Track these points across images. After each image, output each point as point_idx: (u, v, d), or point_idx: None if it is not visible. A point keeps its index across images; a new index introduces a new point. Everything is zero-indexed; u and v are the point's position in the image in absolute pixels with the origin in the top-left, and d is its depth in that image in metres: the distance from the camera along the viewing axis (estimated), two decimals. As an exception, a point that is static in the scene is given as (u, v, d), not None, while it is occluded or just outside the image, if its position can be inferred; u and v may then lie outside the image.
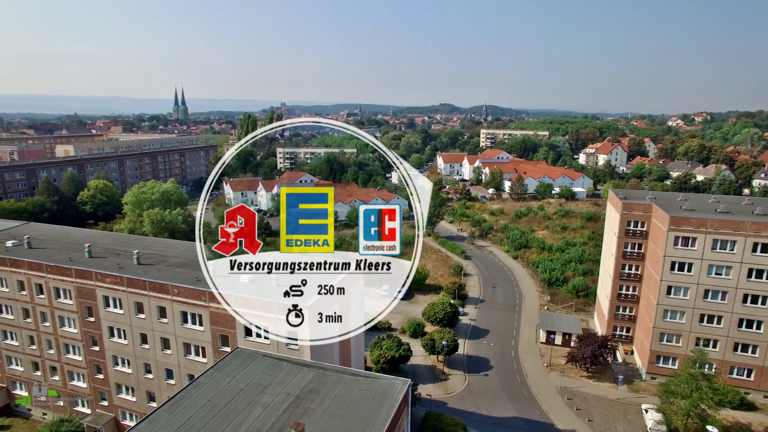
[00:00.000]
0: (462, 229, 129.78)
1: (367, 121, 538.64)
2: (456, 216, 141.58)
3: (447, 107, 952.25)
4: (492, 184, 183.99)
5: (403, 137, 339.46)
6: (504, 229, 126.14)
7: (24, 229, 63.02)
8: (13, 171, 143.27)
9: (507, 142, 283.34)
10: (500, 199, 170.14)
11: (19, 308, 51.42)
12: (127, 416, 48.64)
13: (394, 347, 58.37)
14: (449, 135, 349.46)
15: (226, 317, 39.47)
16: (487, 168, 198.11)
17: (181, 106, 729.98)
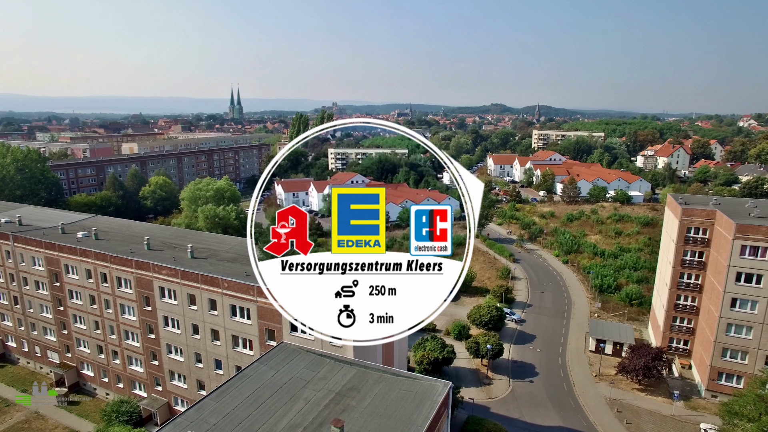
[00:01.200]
0: (511, 232, 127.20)
1: (417, 121, 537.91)
2: (505, 218, 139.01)
3: (498, 107, 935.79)
4: (543, 186, 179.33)
5: (453, 137, 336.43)
6: (554, 232, 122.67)
7: (92, 221, 67.34)
8: (85, 167, 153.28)
9: (560, 144, 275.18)
10: (551, 201, 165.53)
11: (87, 295, 55.01)
12: (179, 402, 50.95)
13: (437, 349, 58.05)
14: (500, 136, 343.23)
15: (273, 312, 40.58)
16: (538, 170, 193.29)
17: (237, 106, 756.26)
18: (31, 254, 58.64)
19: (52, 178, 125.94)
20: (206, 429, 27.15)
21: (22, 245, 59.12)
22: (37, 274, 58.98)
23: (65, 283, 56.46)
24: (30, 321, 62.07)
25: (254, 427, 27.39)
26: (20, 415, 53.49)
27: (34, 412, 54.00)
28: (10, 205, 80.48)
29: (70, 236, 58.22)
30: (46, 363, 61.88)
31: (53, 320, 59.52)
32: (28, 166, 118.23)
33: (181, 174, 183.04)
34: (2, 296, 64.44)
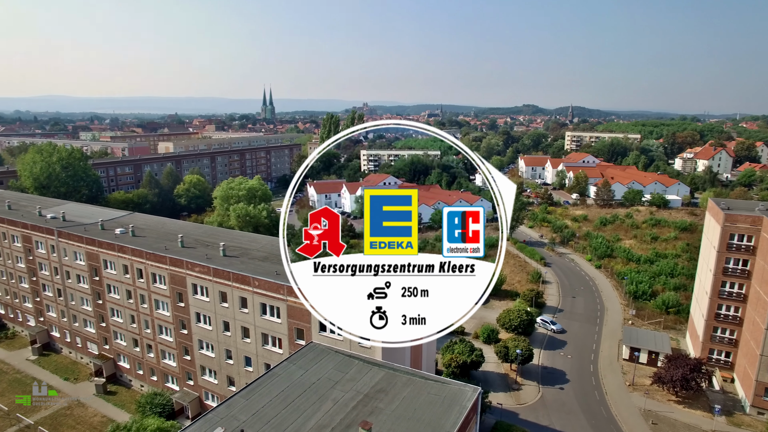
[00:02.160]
0: (543, 236, 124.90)
1: (448, 122, 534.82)
2: (536, 221, 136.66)
3: (530, 108, 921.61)
4: (576, 188, 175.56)
5: (484, 138, 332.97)
6: (587, 236, 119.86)
7: (130, 218, 69.47)
8: (123, 165, 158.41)
9: (594, 145, 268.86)
10: (584, 204, 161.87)
11: (124, 290, 56.77)
12: (210, 397, 52.00)
13: (466, 352, 57.47)
14: (532, 137, 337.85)
15: (302, 311, 40.96)
16: (571, 172, 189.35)
17: (269, 106, 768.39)
18: (73, 249, 60.93)
19: (94, 176, 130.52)
20: (236, 426, 27.54)
21: (65, 240, 61.49)
22: (79, 268, 61.21)
23: (104, 278, 58.40)
24: (72, 313, 64.50)
25: (283, 426, 27.65)
26: (63, 402, 55.70)
27: (76, 400, 56.10)
28: (55, 202, 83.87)
29: (109, 232, 60.22)
30: (86, 353, 64.16)
31: (93, 313, 61.66)
32: (72, 165, 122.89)
33: (215, 173, 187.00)
34: (48, 288, 67.18)
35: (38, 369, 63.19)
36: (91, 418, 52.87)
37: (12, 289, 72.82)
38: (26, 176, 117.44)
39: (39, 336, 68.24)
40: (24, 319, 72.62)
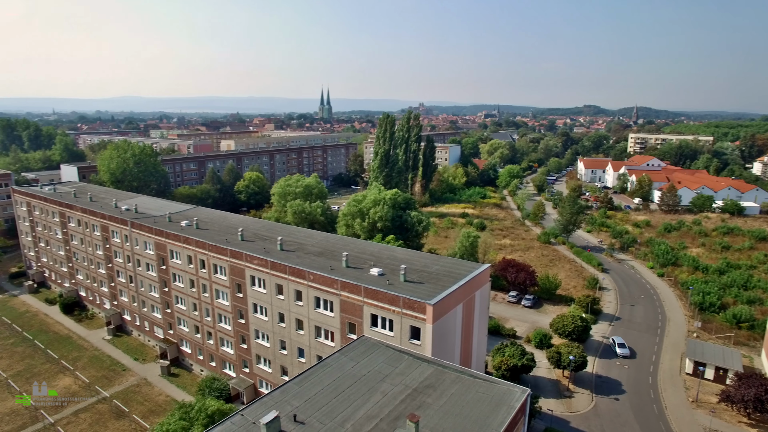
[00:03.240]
0: (602, 241, 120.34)
1: (504, 123, 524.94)
2: (595, 225, 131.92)
3: (592, 109, 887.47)
4: (639, 193, 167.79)
5: (542, 140, 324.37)
6: (649, 243, 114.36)
7: (194, 212, 73.48)
8: (188, 162, 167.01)
9: (659, 148, 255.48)
10: (647, 210, 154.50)
11: (187, 279, 60.21)
12: (264, 385, 54.20)
13: (517, 355, 56.66)
14: (592, 139, 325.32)
15: (355, 306, 42.01)
16: (633, 175, 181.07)
17: (326, 106, 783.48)
18: (143, 239, 65.27)
19: (162, 171, 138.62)
20: (289, 410, 28.81)
21: (137, 230, 65.99)
22: (148, 257, 65.49)
23: (170, 267, 62.16)
24: (141, 298, 69.10)
25: (333, 414, 28.66)
26: (133, 380, 60.04)
27: (144, 378, 60.29)
28: (128, 195, 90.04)
29: (175, 224, 64.04)
30: (153, 337, 68.55)
31: (159, 299, 65.79)
32: (144, 161, 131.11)
33: (273, 170, 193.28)
34: (121, 275, 72.33)
35: (112, 348, 68.32)
36: (156, 397, 56.56)
37: (92, 274, 78.92)
38: (104, 171, 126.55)
39: (113, 318, 73.61)
40: (101, 302, 78.53)
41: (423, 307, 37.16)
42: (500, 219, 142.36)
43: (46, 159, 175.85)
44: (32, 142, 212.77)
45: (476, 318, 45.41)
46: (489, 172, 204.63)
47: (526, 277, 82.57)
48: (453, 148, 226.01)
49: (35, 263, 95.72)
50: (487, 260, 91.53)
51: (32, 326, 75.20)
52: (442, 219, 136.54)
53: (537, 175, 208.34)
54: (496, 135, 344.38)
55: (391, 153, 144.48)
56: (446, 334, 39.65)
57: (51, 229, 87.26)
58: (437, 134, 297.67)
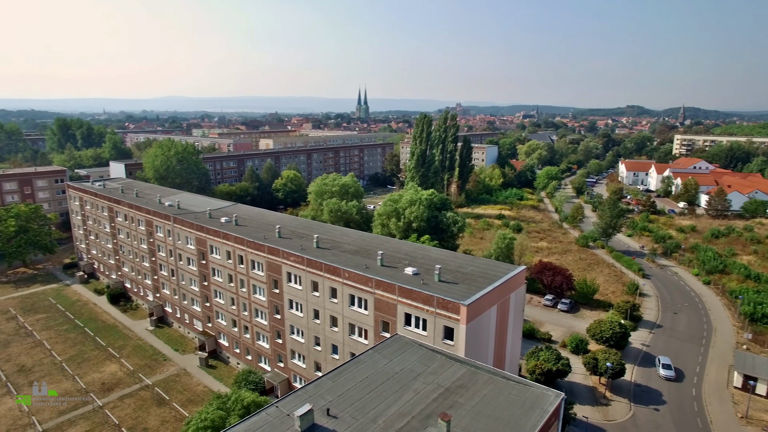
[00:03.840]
0: (644, 246, 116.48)
1: (543, 123, 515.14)
2: (636, 230, 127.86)
3: (635, 109, 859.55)
4: (684, 197, 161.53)
5: (582, 141, 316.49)
6: (694, 248, 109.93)
7: (233, 209, 75.48)
8: (228, 160, 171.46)
9: (708, 150, 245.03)
10: (693, 214, 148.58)
11: (226, 274, 61.97)
12: (298, 379, 55.22)
13: (552, 360, 55.68)
14: (635, 140, 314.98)
15: (389, 304, 42.30)
16: (679, 178, 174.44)
17: (363, 105, 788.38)
18: (185, 234, 67.58)
19: (203, 169, 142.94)
20: (322, 405, 29.36)
21: (179, 226, 68.38)
22: (189, 252, 67.75)
23: (210, 261, 64.12)
24: (182, 291, 71.55)
25: (366, 410, 29.02)
26: (174, 370, 62.34)
27: (183, 368, 62.48)
28: (171, 191, 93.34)
29: (215, 221, 65.98)
30: (192, 329, 70.87)
31: (199, 293, 67.94)
32: (186, 158, 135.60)
33: (310, 169, 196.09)
34: (163, 268, 75.11)
35: (154, 338, 71.05)
36: (195, 387, 58.50)
37: (136, 267, 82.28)
38: (149, 168, 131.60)
39: (155, 310, 76.52)
40: (144, 294, 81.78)
41: (457, 308, 37.08)
42: (537, 221, 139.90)
43: (97, 156, 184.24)
44: (85, 141, 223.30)
45: (511, 320, 44.94)
46: (526, 174, 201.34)
47: (563, 280, 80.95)
48: (490, 148, 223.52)
49: (86, 255, 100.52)
50: (522, 262, 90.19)
51: (83, 314, 79.11)
52: (477, 220, 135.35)
53: (576, 177, 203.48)
54: (534, 136, 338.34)
55: (428, 153, 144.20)
56: (480, 335, 39.43)
57: (100, 222, 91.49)
58: (474, 135, 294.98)
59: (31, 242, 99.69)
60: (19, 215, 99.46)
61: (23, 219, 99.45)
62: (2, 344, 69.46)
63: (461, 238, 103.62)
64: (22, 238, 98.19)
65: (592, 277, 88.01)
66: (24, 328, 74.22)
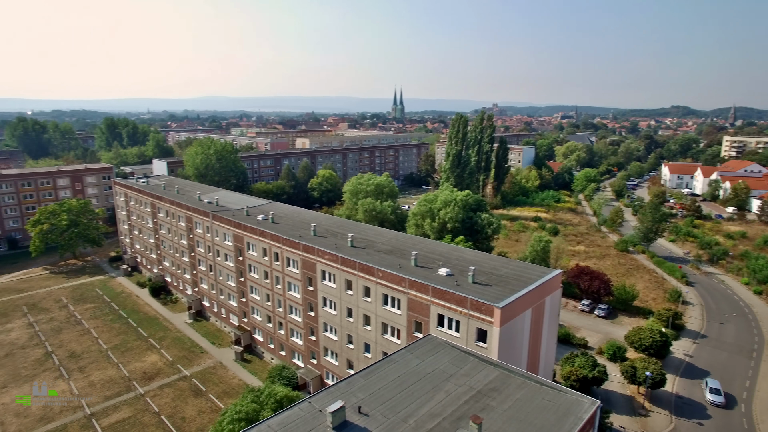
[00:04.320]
0: (688, 253, 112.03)
1: (582, 124, 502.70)
2: (679, 235, 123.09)
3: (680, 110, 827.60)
4: (733, 201, 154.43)
5: (623, 143, 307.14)
6: (744, 256, 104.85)
7: (270, 206, 77.00)
8: (265, 159, 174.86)
9: (761, 152, 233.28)
10: (743, 220, 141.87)
11: (262, 270, 63.30)
12: (330, 376, 55.86)
13: (588, 366, 54.37)
14: (680, 142, 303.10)
15: (422, 305, 42.30)
16: (727, 182, 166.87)
17: (399, 105, 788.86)
18: (223, 230, 69.41)
19: (241, 167, 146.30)
20: (354, 402, 29.67)
21: (217, 222, 70.29)
22: (226, 248, 69.55)
23: (246, 258, 65.64)
24: (219, 287, 73.52)
25: (397, 409, 29.16)
26: (210, 362, 64.18)
27: (219, 361, 64.23)
28: (210, 189, 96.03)
29: (252, 218, 67.50)
30: (228, 323, 72.71)
31: (235, 288, 69.64)
32: (225, 157, 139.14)
33: (345, 168, 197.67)
34: (202, 263, 77.39)
35: (192, 331, 73.32)
36: (230, 380, 60.03)
37: (176, 262, 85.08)
38: (189, 165, 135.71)
39: (194, 303, 78.91)
40: (184, 288, 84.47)
41: (490, 310, 36.74)
42: (574, 224, 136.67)
43: (141, 154, 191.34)
44: (130, 139, 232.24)
45: (545, 324, 44.16)
46: (564, 176, 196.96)
47: (601, 285, 78.84)
48: (527, 149, 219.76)
49: (130, 249, 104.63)
50: (559, 266, 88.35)
51: (126, 306, 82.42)
52: (513, 222, 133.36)
53: (616, 180, 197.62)
54: (572, 137, 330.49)
55: (463, 154, 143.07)
56: (513, 338, 38.93)
57: (143, 218, 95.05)
58: (511, 135, 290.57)
59: (81, 235, 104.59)
60: (71, 210, 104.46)
61: (74, 213, 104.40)
62: (56, 330, 73.36)
63: (496, 240, 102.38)
64: (73, 232, 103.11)
65: (632, 283, 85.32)
66: (74, 317, 78.02)
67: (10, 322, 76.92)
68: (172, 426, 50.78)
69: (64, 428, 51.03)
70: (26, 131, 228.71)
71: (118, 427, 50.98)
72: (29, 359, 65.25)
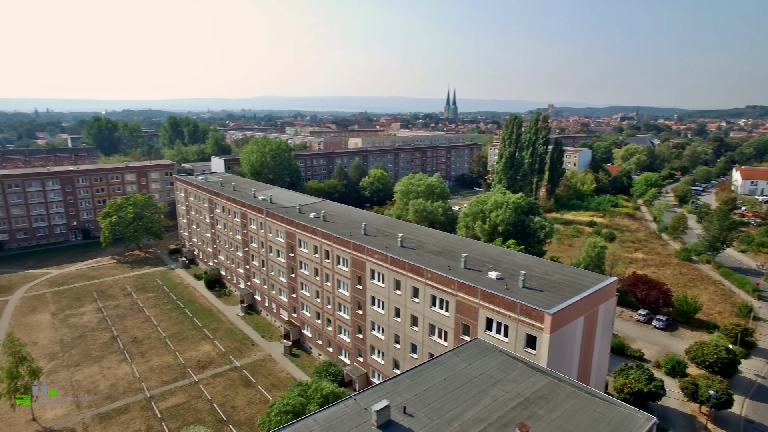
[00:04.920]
0: (763, 265, 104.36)
1: (644, 126, 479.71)
2: (752, 245, 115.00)
3: (757, 110, 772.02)
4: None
5: (688, 145, 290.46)
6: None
7: (322, 205, 78.42)
8: (318, 158, 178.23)
9: None
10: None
11: (312, 267, 64.62)
12: (376, 375, 56.26)
13: (643, 380, 51.90)
14: (755, 145, 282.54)
15: (470, 308, 41.85)
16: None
17: (452, 106, 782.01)
18: (276, 227, 71.40)
19: (295, 165, 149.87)
20: (399, 402, 29.78)
21: (271, 219, 72.39)
22: (278, 245, 71.48)
23: (297, 255, 67.20)
24: (271, 282, 75.70)
25: (442, 411, 29.02)
26: (260, 355, 66.29)
27: (269, 355, 66.19)
28: (265, 186, 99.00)
29: (304, 216, 68.98)
30: (279, 318, 74.74)
31: (286, 284, 71.46)
32: (279, 155, 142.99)
33: (397, 168, 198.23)
34: (255, 258, 79.97)
35: (244, 324, 75.95)
36: (279, 373, 61.72)
37: (231, 256, 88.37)
38: (245, 163, 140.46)
39: (246, 297, 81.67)
40: (237, 282, 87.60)
41: (541, 316, 35.85)
42: (632, 230, 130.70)
43: (200, 152, 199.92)
44: (191, 137, 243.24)
45: (598, 333, 42.57)
46: (622, 179, 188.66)
47: (659, 295, 74.99)
48: (583, 152, 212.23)
49: (188, 242, 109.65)
50: (614, 273, 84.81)
51: (183, 297, 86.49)
52: (567, 226, 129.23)
53: (679, 185, 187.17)
54: (632, 139, 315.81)
55: (517, 155, 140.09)
56: (564, 346, 37.79)
57: (201, 213, 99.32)
58: (566, 137, 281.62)
59: (145, 228, 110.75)
60: (137, 203, 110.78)
61: (139, 207, 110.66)
62: (121, 317, 78.15)
63: (549, 245, 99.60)
64: (138, 224, 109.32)
65: (694, 294, 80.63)
66: (137, 305, 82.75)
67: (83, 306, 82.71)
68: (222, 414, 52.85)
69: (127, 408, 54.32)
70: (100, 130, 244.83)
71: (174, 410, 53.63)
72: (98, 341, 69.86)
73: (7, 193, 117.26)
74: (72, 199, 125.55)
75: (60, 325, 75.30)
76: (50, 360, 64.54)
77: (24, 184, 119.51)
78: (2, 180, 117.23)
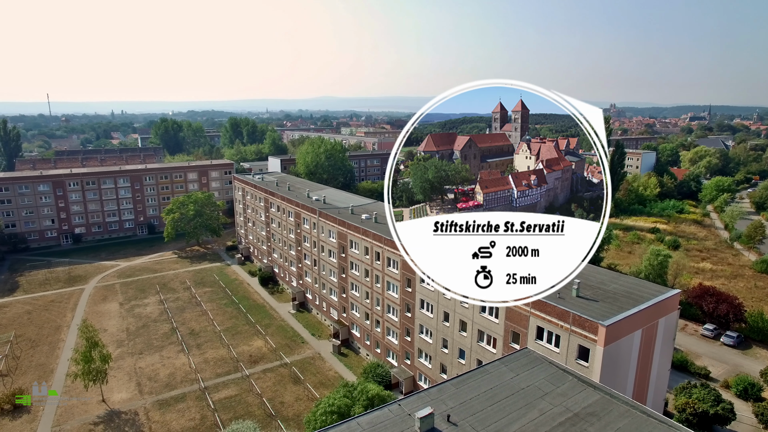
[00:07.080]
0: None
1: (716, 126, 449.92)
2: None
3: None
4: None
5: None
6: None
7: (374, 206, 78.98)
8: (372, 158, 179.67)
9: None
10: None
11: (362, 268, 65.26)
12: (422, 378, 56.06)
13: (709, 400, 48.64)
14: None
15: (520, 315, 40.89)
16: None
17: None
18: (328, 227, 72.64)
19: (349, 166, 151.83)
20: (444, 410, 29.52)
21: (323, 219, 73.76)
22: (330, 245, 72.68)
23: (348, 255, 68.05)
24: (322, 281, 77.13)
25: (487, 422, 28.51)
26: (309, 353, 67.73)
27: (318, 353, 67.51)
28: (318, 186, 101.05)
29: (356, 217, 69.71)
30: (328, 317, 76.02)
31: (337, 284, 72.55)
32: (334, 156, 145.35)
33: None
34: (307, 258, 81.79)
35: (295, 321, 77.84)
36: (327, 372, 62.79)
37: (284, 254, 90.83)
38: (301, 163, 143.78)
39: (297, 295, 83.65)
40: (289, 280, 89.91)
41: (595, 327, 34.45)
42: (700, 238, 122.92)
43: (258, 151, 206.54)
44: (249, 137, 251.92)
45: (658, 348, 40.38)
46: (690, 184, 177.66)
47: (729, 309, 70.00)
48: (646, 154, 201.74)
49: (244, 240, 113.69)
50: (678, 284, 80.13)
51: (238, 292, 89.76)
52: (626, 232, 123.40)
53: (757, 191, 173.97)
54: (703, 141, 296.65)
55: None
56: (619, 360, 36.13)
57: (257, 211, 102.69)
58: (629, 139, 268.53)
59: (204, 225, 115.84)
60: (197, 201, 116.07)
61: (200, 204, 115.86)
62: (180, 309, 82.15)
63: (606, 251, 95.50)
64: (198, 221, 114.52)
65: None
66: (195, 298, 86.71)
67: (147, 297, 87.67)
68: (272, 408, 54.38)
69: (183, 396, 57.06)
70: (166, 130, 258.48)
71: (226, 402, 55.78)
72: (159, 332, 73.82)
73: (86, 190, 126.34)
74: (140, 195, 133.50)
75: (126, 315, 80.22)
76: (117, 347, 68.87)
77: (99, 182, 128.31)
78: (81, 178, 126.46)
